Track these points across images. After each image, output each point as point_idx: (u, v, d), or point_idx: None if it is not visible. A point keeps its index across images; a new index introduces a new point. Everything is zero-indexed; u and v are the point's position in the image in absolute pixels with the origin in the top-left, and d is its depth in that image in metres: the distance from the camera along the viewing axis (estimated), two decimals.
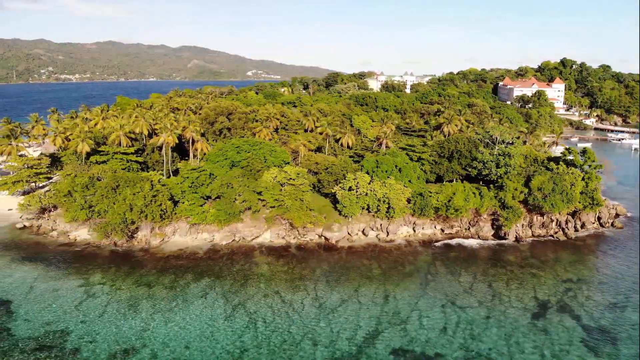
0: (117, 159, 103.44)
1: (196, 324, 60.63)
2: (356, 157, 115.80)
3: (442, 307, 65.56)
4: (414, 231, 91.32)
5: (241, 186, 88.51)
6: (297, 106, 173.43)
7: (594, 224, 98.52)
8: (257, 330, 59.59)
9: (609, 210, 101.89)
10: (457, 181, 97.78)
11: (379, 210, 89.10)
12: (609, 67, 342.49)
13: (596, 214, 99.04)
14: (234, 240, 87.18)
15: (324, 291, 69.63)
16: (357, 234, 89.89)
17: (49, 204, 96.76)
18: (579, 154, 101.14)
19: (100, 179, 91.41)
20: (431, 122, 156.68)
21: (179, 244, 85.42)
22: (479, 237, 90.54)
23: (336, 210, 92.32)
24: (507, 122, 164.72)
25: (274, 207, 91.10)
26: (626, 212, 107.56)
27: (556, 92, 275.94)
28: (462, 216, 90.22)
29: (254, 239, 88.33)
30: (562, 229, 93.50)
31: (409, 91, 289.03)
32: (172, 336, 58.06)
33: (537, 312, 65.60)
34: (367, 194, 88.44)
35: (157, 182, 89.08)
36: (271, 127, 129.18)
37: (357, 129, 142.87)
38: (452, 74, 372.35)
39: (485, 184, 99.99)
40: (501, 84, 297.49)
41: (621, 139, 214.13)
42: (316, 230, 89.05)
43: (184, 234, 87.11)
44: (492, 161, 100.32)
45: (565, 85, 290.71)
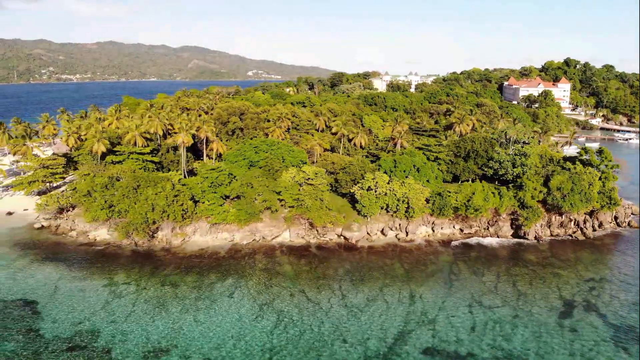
0: (133, 159, 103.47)
1: (226, 324, 60.64)
2: (370, 157, 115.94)
3: (468, 307, 65.62)
4: (433, 231, 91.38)
5: (261, 186, 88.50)
6: (306, 106, 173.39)
7: (611, 223, 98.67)
8: (287, 329, 59.62)
9: (624, 209, 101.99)
10: (477, 181, 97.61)
11: (398, 210, 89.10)
12: (612, 67, 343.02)
13: (613, 214, 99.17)
14: (254, 239, 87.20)
15: (350, 291, 69.66)
16: (376, 234, 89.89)
17: (66, 204, 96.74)
18: (595, 153, 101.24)
19: (119, 179, 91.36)
20: (441, 122, 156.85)
21: (200, 244, 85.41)
22: (498, 236, 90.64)
23: (354, 210, 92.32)
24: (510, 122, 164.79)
25: (292, 206, 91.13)
26: None
27: (562, 92, 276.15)
28: (481, 216, 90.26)
29: (274, 238, 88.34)
30: (581, 228, 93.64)
31: (413, 91, 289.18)
32: (203, 336, 58.06)
33: (563, 311, 65.70)
34: (386, 194, 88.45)
35: (178, 182, 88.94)
36: (283, 127, 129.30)
37: (368, 129, 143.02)
38: (456, 73, 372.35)
39: (500, 184, 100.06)
40: (506, 83, 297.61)
41: (628, 139, 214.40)
42: (335, 230, 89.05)
43: (204, 234, 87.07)
44: (509, 161, 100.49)
45: (570, 85, 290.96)
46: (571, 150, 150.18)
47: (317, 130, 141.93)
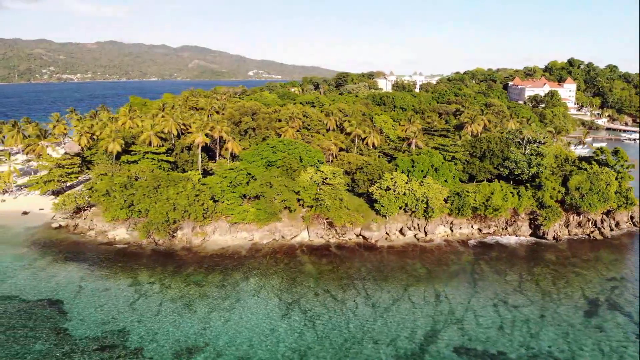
0: (148, 159, 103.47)
1: (254, 323, 60.65)
2: (384, 156, 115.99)
3: (494, 306, 65.69)
4: (452, 231, 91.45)
5: (280, 185, 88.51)
6: (315, 106, 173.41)
7: (627, 222, 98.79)
8: (315, 328, 59.64)
9: None
10: (495, 181, 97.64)
11: (417, 209, 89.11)
12: (616, 67, 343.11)
13: (629, 213, 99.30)
14: (274, 239, 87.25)
15: (374, 290, 69.70)
16: (395, 234, 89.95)
17: (84, 203, 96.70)
18: (611, 153, 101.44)
19: (137, 178, 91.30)
20: (451, 122, 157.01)
21: (220, 243, 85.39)
22: (516, 236, 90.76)
23: (372, 209, 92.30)
24: (523, 122, 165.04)
25: (311, 206, 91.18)
26: None
27: (568, 92, 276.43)
28: (500, 216, 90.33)
29: (293, 237, 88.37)
30: (598, 228, 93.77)
31: (418, 90, 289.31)
32: (233, 335, 58.07)
33: (588, 310, 65.80)
34: (405, 194, 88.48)
35: (197, 181, 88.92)
36: (296, 127, 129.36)
37: (379, 129, 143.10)
38: (459, 73, 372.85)
39: (515, 184, 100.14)
40: (511, 83, 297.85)
41: (636, 139, 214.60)
42: (354, 229, 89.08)
43: (224, 233, 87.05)
44: (524, 161, 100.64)
45: (576, 85, 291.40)
46: (579, 150, 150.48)
47: (328, 130, 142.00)
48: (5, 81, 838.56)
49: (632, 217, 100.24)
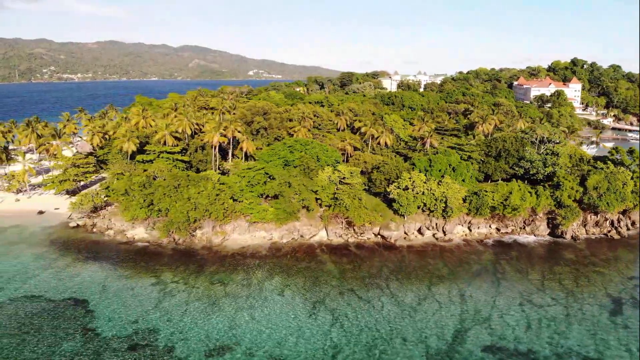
0: (163, 158, 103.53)
1: (282, 322, 60.73)
2: (397, 156, 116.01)
3: (520, 306, 65.84)
4: (470, 230, 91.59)
5: (299, 185, 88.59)
6: (324, 105, 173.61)
7: None
8: (344, 327, 59.74)
9: None
10: (513, 181, 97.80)
11: (435, 209, 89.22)
12: (619, 66, 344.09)
13: None
14: (293, 238, 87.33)
15: (398, 289, 69.82)
16: (414, 233, 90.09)
17: (101, 202, 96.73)
18: (626, 153, 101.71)
19: (155, 178, 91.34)
20: (461, 121, 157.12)
21: (240, 242, 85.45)
22: (534, 235, 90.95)
23: (389, 209, 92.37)
24: (530, 121, 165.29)
25: (329, 206, 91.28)
26: None
27: (573, 92, 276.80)
28: (518, 215, 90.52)
29: (312, 237, 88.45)
30: (615, 227, 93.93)
31: (422, 90, 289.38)
32: (262, 333, 58.14)
33: (613, 308, 65.98)
34: (423, 193, 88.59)
35: (217, 181, 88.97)
36: (308, 127, 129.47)
37: (390, 128, 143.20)
38: (463, 73, 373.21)
39: (529, 183, 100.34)
40: (516, 83, 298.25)
41: None
42: (373, 229, 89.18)
43: (243, 232, 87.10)
44: (540, 160, 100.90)
45: (581, 85, 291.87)
46: (588, 149, 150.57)
47: (338, 129, 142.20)
48: (5, 81, 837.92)
49: None
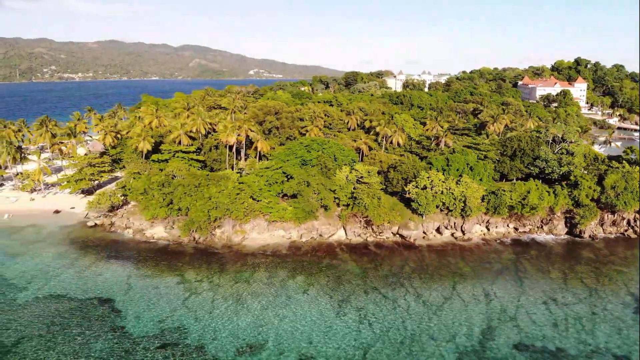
0: (178, 158, 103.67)
1: (309, 320, 60.93)
2: (413, 155, 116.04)
3: (544, 304, 66.08)
4: (488, 230, 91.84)
5: (318, 184, 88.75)
6: (333, 105, 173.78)
7: None
8: (372, 326, 59.94)
9: None
10: (530, 180, 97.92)
11: (454, 208, 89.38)
12: (622, 66, 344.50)
13: None
14: (312, 237, 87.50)
15: (423, 288, 70.01)
16: (432, 233, 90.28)
17: (118, 202, 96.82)
18: None
19: (174, 177, 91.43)
20: (471, 120, 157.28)
21: (259, 241, 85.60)
22: (552, 234, 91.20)
23: (407, 208, 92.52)
24: (539, 121, 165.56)
25: (347, 205, 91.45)
26: None
27: (579, 92, 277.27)
28: (536, 214, 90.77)
29: (331, 236, 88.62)
30: (631, 226, 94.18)
31: (427, 89, 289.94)
32: (291, 332, 58.32)
33: (637, 307, 66.23)
34: (442, 192, 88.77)
35: (236, 180, 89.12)
36: (320, 126, 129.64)
37: (401, 127, 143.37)
38: (466, 72, 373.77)
39: (544, 182, 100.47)
40: (521, 83, 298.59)
41: None
42: (392, 228, 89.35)
43: (261, 231, 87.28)
44: (555, 160, 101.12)
45: (587, 84, 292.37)
46: (600, 149, 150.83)
47: (349, 129, 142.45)
48: (6, 80, 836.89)
49: None
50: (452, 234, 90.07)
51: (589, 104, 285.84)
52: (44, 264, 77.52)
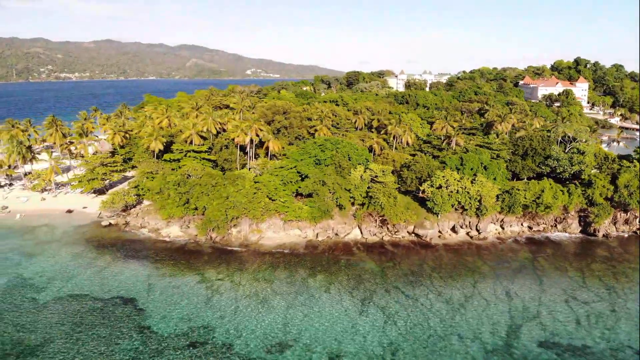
0: (190, 157, 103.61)
1: (334, 318, 61.14)
2: (425, 154, 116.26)
3: (566, 302, 66.54)
4: (502, 228, 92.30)
5: (333, 183, 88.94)
6: (339, 104, 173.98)
7: None
8: (397, 324, 60.20)
9: None
10: (544, 179, 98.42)
11: (470, 207, 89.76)
12: (621, 66, 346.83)
13: None
14: (328, 236, 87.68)
15: (443, 287, 70.35)
16: (447, 232, 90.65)
17: (132, 201, 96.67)
18: None
19: (189, 177, 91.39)
20: (477, 120, 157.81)
21: (275, 240, 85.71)
22: (567, 233, 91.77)
23: (421, 207, 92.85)
24: (544, 121, 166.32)
25: (362, 204, 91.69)
26: None
27: (581, 91, 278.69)
28: (550, 213, 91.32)
29: (346, 235, 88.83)
30: None
31: (428, 89, 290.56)
32: (316, 330, 58.51)
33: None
34: (458, 192, 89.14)
35: (252, 180, 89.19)
36: (328, 125, 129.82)
37: (409, 127, 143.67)
38: (466, 72, 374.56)
39: (555, 182, 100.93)
40: (522, 82, 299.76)
41: None
42: (408, 227, 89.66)
43: (277, 230, 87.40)
44: (567, 159, 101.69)
45: (588, 84, 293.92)
46: (607, 148, 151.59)
47: (356, 128, 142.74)
48: (3, 80, 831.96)
49: None
50: (468, 233, 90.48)
51: (590, 103, 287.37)
52: (61, 263, 77.35)
